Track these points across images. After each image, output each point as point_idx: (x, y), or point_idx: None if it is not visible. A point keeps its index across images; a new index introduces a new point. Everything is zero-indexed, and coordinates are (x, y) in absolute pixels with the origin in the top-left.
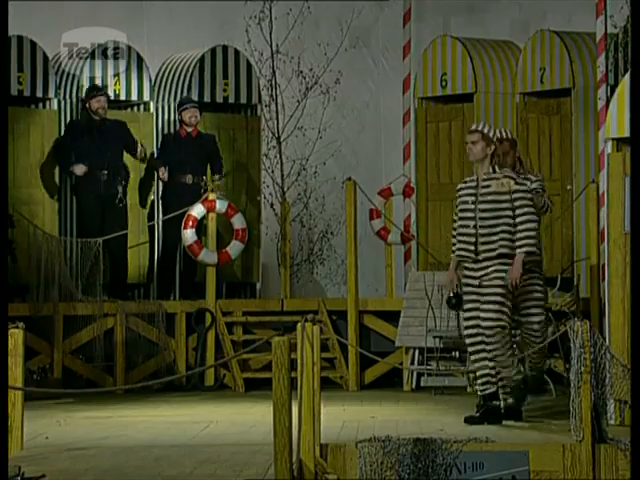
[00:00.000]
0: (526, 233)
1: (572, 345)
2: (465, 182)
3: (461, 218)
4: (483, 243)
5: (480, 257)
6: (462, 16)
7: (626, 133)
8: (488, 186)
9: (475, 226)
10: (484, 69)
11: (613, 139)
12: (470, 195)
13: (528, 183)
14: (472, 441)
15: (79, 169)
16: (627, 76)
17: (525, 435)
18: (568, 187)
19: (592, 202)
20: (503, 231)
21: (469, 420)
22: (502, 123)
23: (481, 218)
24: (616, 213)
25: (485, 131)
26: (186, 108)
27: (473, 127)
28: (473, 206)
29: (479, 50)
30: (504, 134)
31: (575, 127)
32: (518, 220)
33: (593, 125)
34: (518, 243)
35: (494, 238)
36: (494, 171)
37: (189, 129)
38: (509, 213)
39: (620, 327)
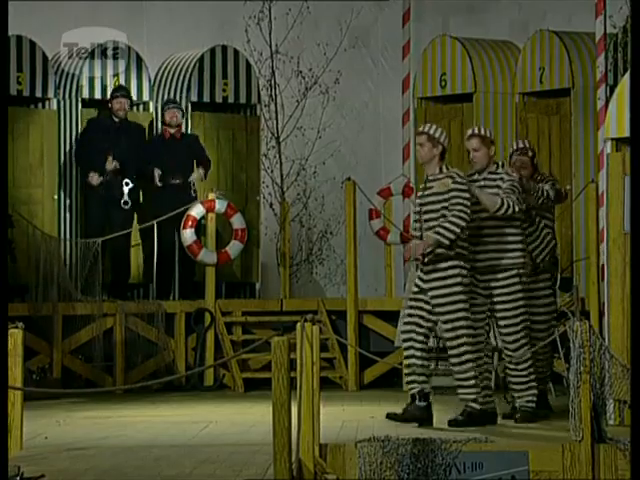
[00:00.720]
0: (445, 224)
1: (571, 345)
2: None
3: (413, 220)
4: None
5: (425, 259)
6: (461, 16)
7: (625, 133)
8: (431, 187)
9: (421, 228)
10: (483, 69)
11: (612, 139)
12: (418, 197)
13: (475, 183)
14: (471, 441)
15: (94, 179)
16: (626, 76)
17: (524, 435)
18: (567, 187)
19: (591, 202)
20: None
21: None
22: (501, 123)
23: (425, 220)
24: (615, 213)
25: (431, 132)
26: (167, 108)
27: (420, 129)
28: (419, 208)
29: (478, 50)
30: (475, 131)
31: (574, 127)
32: (450, 213)
33: (592, 125)
34: (436, 229)
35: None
36: (440, 172)
37: (172, 130)
38: (445, 212)
39: (619, 327)
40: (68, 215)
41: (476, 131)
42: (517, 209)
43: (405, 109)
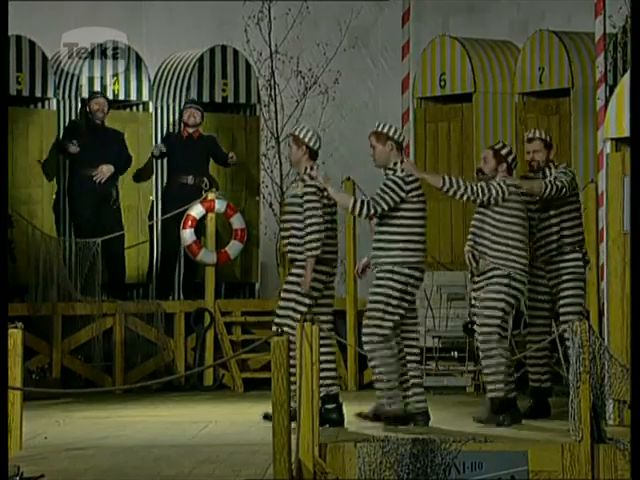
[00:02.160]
0: (308, 237)
1: (571, 345)
2: None
3: (280, 220)
4: (285, 245)
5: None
6: (461, 16)
7: (625, 133)
8: (290, 188)
9: (284, 229)
10: (483, 69)
11: (612, 139)
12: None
13: (305, 185)
14: (471, 441)
15: (72, 147)
16: (626, 76)
17: (524, 435)
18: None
19: (591, 202)
20: (292, 235)
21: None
22: (501, 123)
23: (282, 221)
24: (615, 213)
25: (296, 134)
26: (186, 108)
27: (291, 131)
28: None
29: (478, 50)
30: (379, 128)
31: (574, 127)
32: (304, 223)
33: (592, 125)
34: (304, 247)
35: (285, 242)
36: (305, 172)
37: (190, 130)
38: (297, 217)
39: (619, 327)
40: (66, 214)
41: (374, 128)
42: (373, 210)
43: (405, 109)
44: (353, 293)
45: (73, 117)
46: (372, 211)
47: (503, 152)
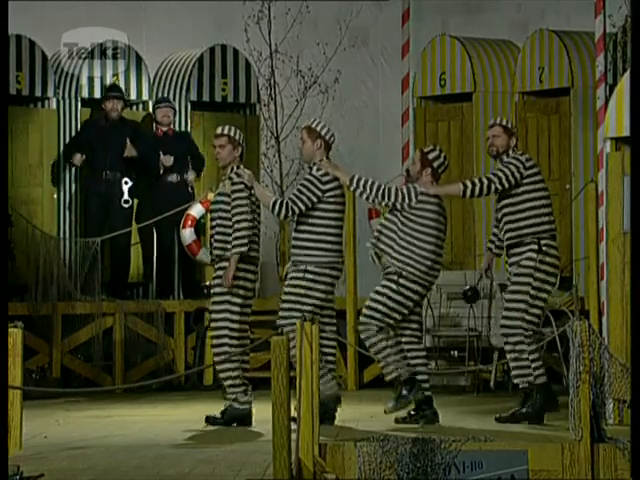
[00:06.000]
0: (235, 234)
1: (571, 345)
2: None
3: (210, 219)
4: (210, 244)
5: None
6: (461, 16)
7: (625, 132)
8: (218, 187)
9: (211, 227)
10: (483, 68)
11: (612, 138)
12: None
13: (232, 184)
14: (471, 440)
15: (77, 159)
16: (626, 75)
17: (524, 434)
18: (567, 186)
19: (591, 201)
20: (218, 232)
21: None
22: None
23: (211, 219)
24: (615, 212)
25: (232, 134)
26: (159, 107)
27: (219, 131)
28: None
29: (478, 49)
30: (312, 124)
31: (574, 126)
32: (232, 220)
33: (592, 124)
34: (232, 243)
35: (212, 239)
36: (231, 171)
37: (164, 128)
38: (223, 214)
39: (619, 326)
40: (67, 214)
41: (307, 123)
42: (291, 211)
43: (404, 108)
44: (353, 293)
45: (73, 117)
46: (290, 212)
47: (430, 156)
